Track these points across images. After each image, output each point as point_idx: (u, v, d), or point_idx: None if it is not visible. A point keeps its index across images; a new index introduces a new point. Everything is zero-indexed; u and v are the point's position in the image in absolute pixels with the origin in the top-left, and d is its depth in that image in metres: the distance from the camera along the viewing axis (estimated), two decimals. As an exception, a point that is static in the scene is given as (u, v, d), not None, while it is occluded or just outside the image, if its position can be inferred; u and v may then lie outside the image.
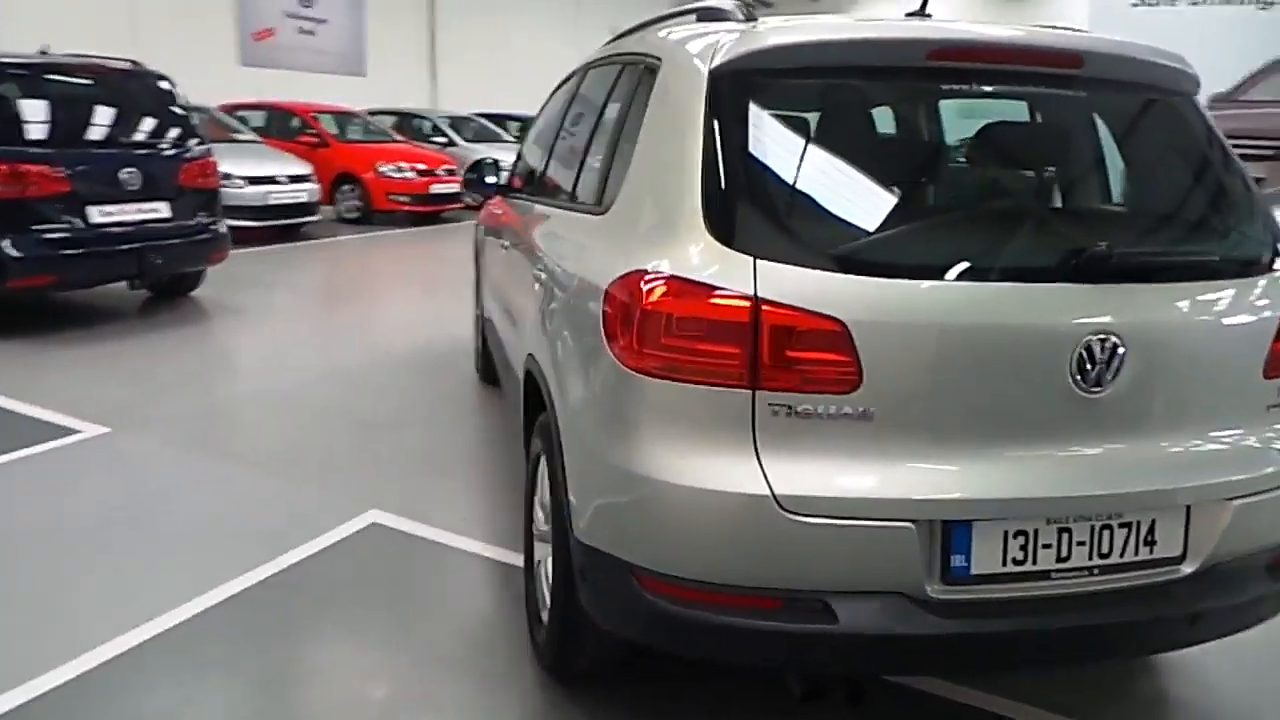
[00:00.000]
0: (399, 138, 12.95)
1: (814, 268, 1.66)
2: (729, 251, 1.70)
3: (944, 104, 1.98)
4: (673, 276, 1.71)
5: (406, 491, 3.57)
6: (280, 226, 9.71)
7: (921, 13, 2.19)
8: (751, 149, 1.79)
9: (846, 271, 1.66)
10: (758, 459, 1.68)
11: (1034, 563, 1.73)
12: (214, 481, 3.59)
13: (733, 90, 1.85)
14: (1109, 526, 1.75)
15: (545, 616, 2.37)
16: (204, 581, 2.78)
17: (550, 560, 2.34)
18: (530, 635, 2.49)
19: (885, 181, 1.80)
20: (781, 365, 1.65)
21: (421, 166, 11.73)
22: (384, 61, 17.87)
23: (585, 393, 1.92)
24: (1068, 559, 1.75)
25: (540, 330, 2.37)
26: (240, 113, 11.75)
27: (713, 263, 1.70)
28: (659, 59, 2.18)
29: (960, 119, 2.01)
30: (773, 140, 1.81)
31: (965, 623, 1.70)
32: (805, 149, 1.80)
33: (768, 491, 1.65)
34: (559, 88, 3.67)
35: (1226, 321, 1.83)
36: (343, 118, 12.65)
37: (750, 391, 1.66)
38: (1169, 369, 1.77)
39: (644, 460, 1.74)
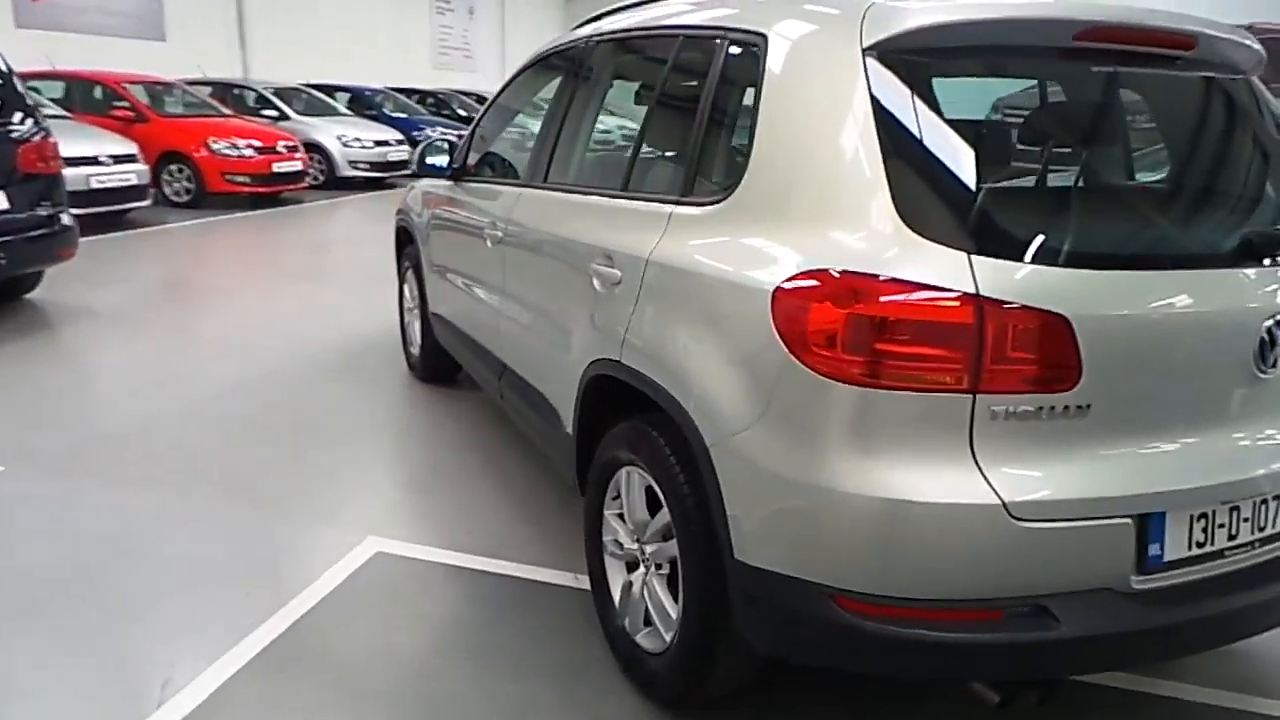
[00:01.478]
0: (226, 111, 11.75)
1: (1030, 261, 1.58)
2: (936, 246, 1.58)
3: (1083, 87, 1.94)
4: (886, 277, 1.58)
5: (394, 512, 3.23)
6: (102, 214, 8.55)
7: None
8: (933, 135, 1.68)
9: (1065, 264, 1.59)
10: (977, 466, 1.59)
11: (1212, 543, 1.76)
12: (158, 522, 3.08)
13: (898, 71, 1.72)
14: (1265, 501, 1.81)
15: (647, 643, 2.20)
16: (195, 657, 2.33)
17: (655, 582, 2.17)
18: (623, 665, 2.30)
19: (1076, 168, 1.74)
20: (1005, 365, 1.56)
21: (258, 143, 10.71)
22: (185, 25, 16.11)
23: (752, 405, 1.74)
24: (1236, 536, 1.78)
25: (628, 334, 2.15)
26: (30, 83, 10.20)
27: (922, 260, 1.58)
28: (760, 34, 2.01)
29: (1084, 103, 1.98)
30: (950, 125, 1.70)
31: (1167, 611, 1.70)
32: (985, 134, 1.71)
33: (997, 500, 1.57)
34: (534, 67, 3.37)
35: None
36: (157, 88, 11.31)
37: (970, 395, 1.57)
38: None
39: (846, 475, 1.61)
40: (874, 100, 1.71)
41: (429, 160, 3.69)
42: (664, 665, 2.12)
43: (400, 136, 13.62)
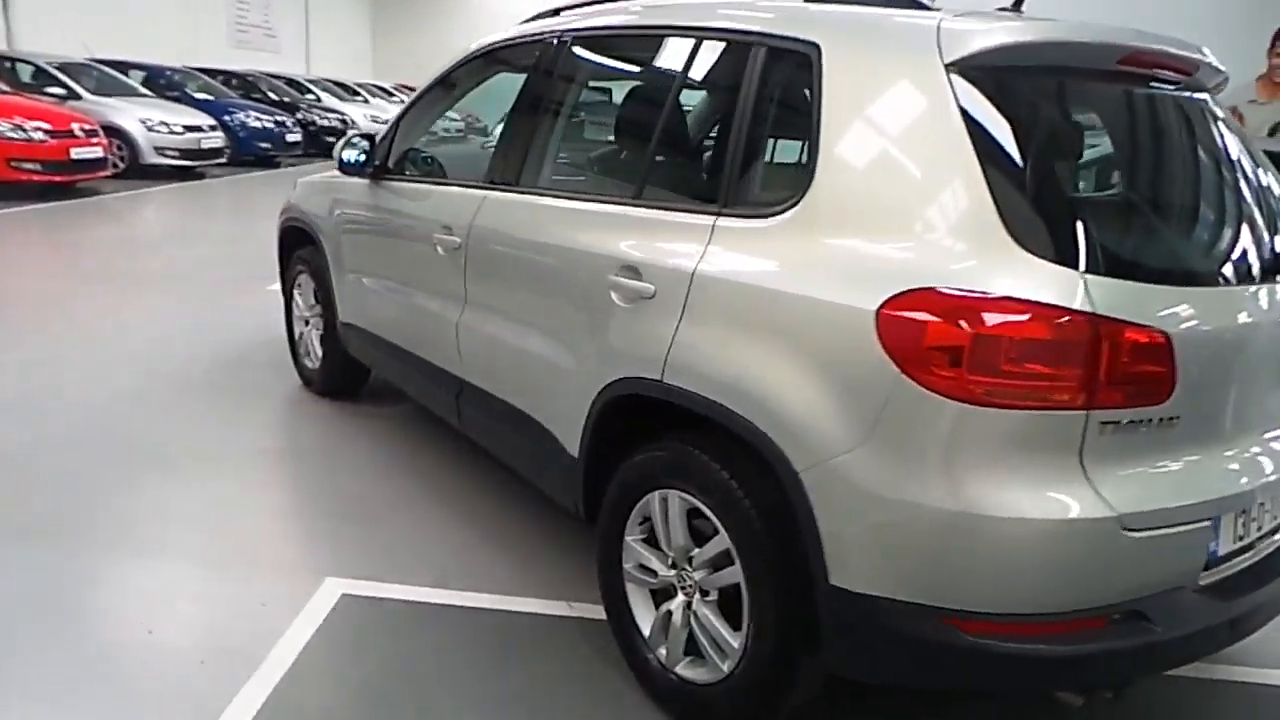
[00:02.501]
0: (4, 87, 10.24)
1: (1135, 279, 1.63)
2: (1047, 264, 1.59)
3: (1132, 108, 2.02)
4: (1006, 297, 1.56)
5: (346, 548, 2.91)
6: None
7: (1016, 8, 2.20)
8: (1031, 150, 1.69)
9: (1163, 281, 1.65)
10: (1088, 480, 1.62)
11: (1248, 537, 1.90)
12: (57, 586, 2.61)
13: (982, 88, 1.72)
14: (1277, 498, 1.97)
15: (693, 674, 2.11)
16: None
17: (705, 611, 2.07)
18: (658, 698, 2.19)
19: (1157, 188, 1.80)
20: (1116, 382, 1.60)
21: (48, 125, 9.42)
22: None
23: (854, 427, 1.68)
24: (1262, 528, 1.94)
25: (672, 352, 2.03)
26: None
27: (1038, 278, 1.58)
28: (811, 43, 1.95)
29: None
30: (1046, 142, 1.73)
31: (1227, 602, 1.82)
32: (1079, 152, 1.74)
33: (1111, 512, 1.60)
34: (481, 59, 3.13)
35: None
36: (-91, 59, 9.69)
37: (1084, 412, 1.59)
38: None
39: (971, 497, 1.60)
40: (966, 116, 1.69)
41: (347, 157, 3.36)
42: (723, 695, 2.03)
43: (213, 122, 12.45)
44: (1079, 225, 1.65)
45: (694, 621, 2.11)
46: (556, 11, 2.95)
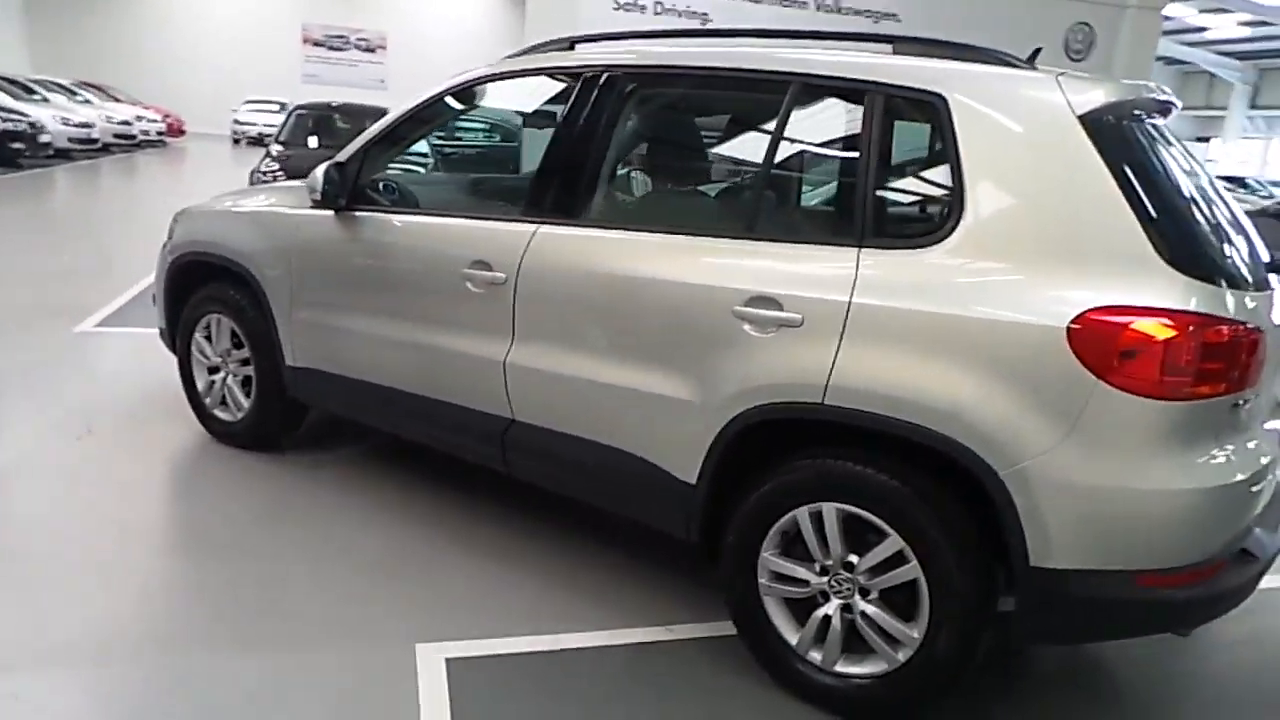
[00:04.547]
0: None
1: (1238, 288, 2.05)
2: (1196, 281, 1.97)
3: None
4: (1183, 310, 1.91)
5: (414, 611, 2.71)
6: None
7: (1031, 61, 2.60)
8: (1156, 186, 2.06)
9: (1239, 288, 2.07)
10: (1226, 451, 2.03)
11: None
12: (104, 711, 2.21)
13: (1111, 132, 2.07)
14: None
15: (856, 669, 2.30)
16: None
17: (869, 609, 2.26)
18: (818, 699, 2.36)
19: (1203, 205, 2.22)
20: (1245, 371, 2.02)
21: None
22: None
23: (1052, 428, 1.95)
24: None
25: (834, 376, 2.18)
26: None
27: (1196, 293, 1.95)
28: (936, 93, 2.19)
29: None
30: (1157, 175, 2.10)
31: (1276, 532, 2.33)
32: (1175, 181, 2.14)
33: (1243, 476, 2.03)
34: (486, 87, 3.01)
35: None
36: None
37: (1229, 397, 2.00)
38: None
39: (1151, 475, 1.95)
40: (1105, 157, 2.03)
41: (326, 187, 3.08)
42: (898, 682, 2.24)
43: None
44: (1205, 244, 2.06)
45: (860, 620, 2.29)
46: (571, 45, 2.94)
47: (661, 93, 2.80)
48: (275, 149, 8.64)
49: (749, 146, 2.64)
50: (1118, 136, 2.09)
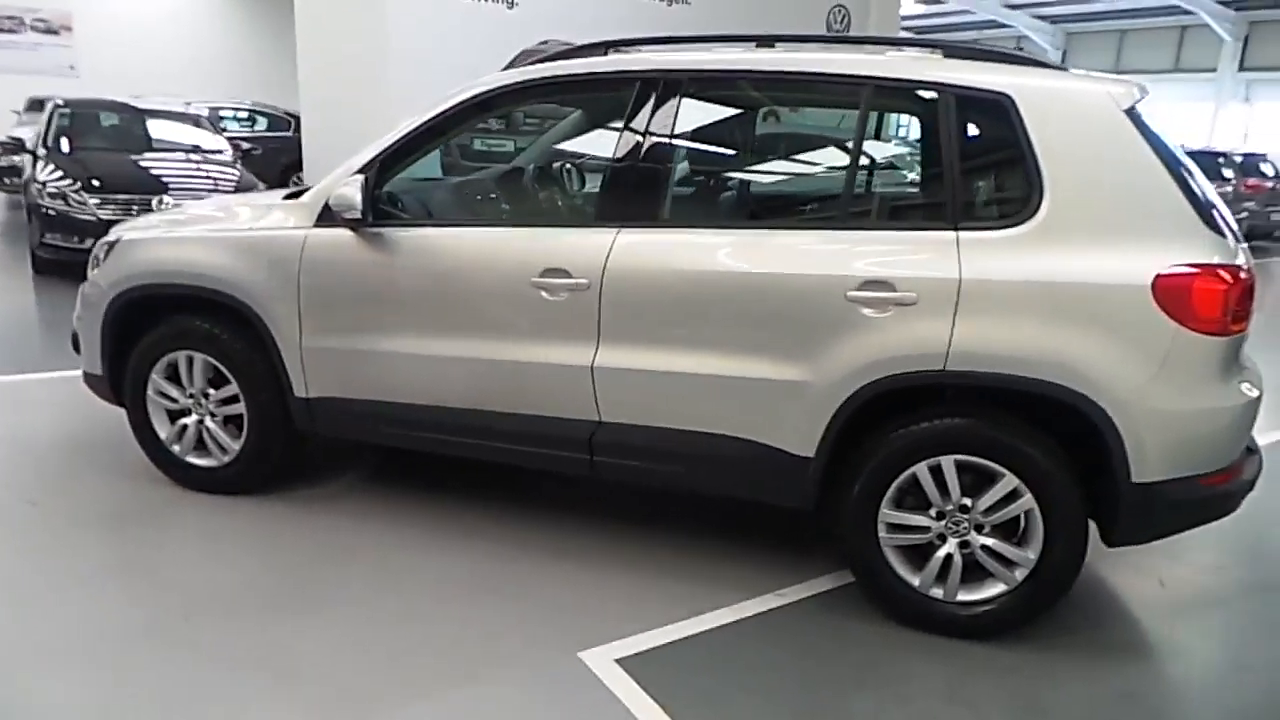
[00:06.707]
0: None
1: (1239, 241, 2.61)
2: (1223, 239, 2.49)
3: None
4: (1227, 264, 2.43)
5: (557, 621, 2.73)
6: None
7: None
8: (1179, 163, 2.56)
9: (1240, 242, 2.64)
10: (1243, 374, 2.61)
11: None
12: None
13: (1142, 122, 2.55)
14: None
15: (975, 595, 2.68)
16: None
17: (989, 542, 2.63)
18: (946, 629, 2.71)
19: (1200, 179, 2.77)
20: (1251, 309, 2.59)
21: None
22: None
23: (1145, 366, 2.40)
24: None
25: (953, 345, 2.49)
26: None
27: (1229, 249, 2.48)
28: (1004, 94, 2.56)
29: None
30: (1174, 154, 2.59)
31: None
32: (1181, 158, 2.64)
33: (1256, 392, 2.61)
34: (515, 94, 2.94)
35: None
36: None
37: (1245, 331, 2.56)
38: None
39: (1226, 393, 2.49)
40: (1150, 144, 2.50)
41: (349, 205, 2.89)
42: (1019, 599, 2.64)
43: None
44: (1218, 208, 2.59)
45: (980, 553, 2.65)
46: (605, 50, 2.98)
47: (738, 97, 2.94)
48: (43, 152, 7.44)
49: (827, 146, 2.87)
50: (1145, 125, 2.57)
